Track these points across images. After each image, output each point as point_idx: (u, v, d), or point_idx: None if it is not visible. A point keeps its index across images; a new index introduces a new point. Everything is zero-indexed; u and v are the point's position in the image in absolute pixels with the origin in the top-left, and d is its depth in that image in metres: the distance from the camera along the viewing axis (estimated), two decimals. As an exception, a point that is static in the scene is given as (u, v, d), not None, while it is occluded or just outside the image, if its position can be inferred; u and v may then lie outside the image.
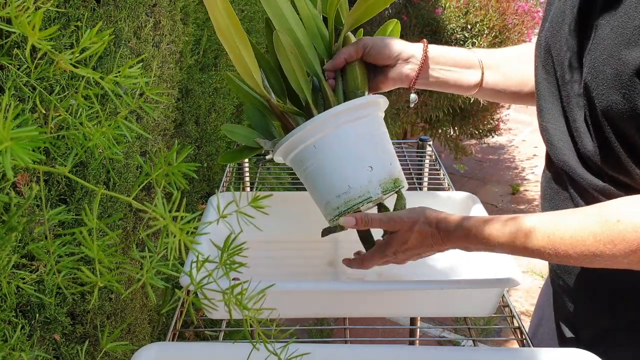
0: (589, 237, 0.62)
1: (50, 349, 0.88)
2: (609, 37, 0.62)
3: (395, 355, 0.68)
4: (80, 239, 0.35)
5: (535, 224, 0.66)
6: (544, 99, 0.76)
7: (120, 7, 0.98)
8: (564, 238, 0.64)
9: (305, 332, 2.04)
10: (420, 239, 0.75)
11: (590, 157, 0.68)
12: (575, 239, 0.63)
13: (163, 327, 1.43)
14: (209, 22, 1.64)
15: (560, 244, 0.64)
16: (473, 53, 0.91)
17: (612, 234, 0.60)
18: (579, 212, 0.66)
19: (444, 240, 0.74)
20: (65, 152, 0.81)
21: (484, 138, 3.15)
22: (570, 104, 0.70)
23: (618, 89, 0.61)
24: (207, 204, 1.00)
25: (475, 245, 0.72)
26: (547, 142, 0.76)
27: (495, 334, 2.02)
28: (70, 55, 0.37)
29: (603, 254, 0.61)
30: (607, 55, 0.62)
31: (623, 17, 0.60)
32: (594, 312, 0.79)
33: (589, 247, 0.62)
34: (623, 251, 0.60)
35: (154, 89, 0.42)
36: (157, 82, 1.21)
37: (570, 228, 0.64)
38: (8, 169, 0.27)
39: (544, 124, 0.76)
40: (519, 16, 2.73)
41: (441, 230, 0.74)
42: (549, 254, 0.66)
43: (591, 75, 0.64)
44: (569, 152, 0.72)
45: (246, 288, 0.41)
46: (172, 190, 0.37)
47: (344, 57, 0.84)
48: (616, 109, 0.62)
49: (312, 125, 0.78)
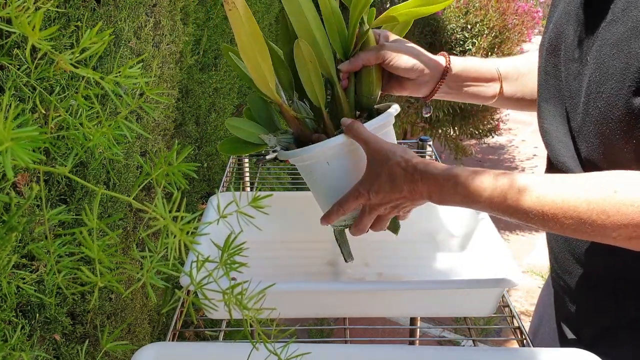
0: (582, 204, 0.60)
1: (51, 349, 0.88)
2: (618, 31, 0.62)
3: (395, 355, 0.68)
4: (80, 239, 0.35)
5: (528, 183, 0.63)
6: (545, 100, 0.76)
7: (121, 7, 0.98)
8: (555, 201, 0.61)
9: (305, 332, 2.04)
10: (392, 177, 0.71)
11: (590, 158, 0.68)
12: (567, 203, 0.61)
13: (163, 327, 1.43)
14: (209, 22, 1.64)
15: (550, 206, 0.61)
16: (493, 65, 0.90)
17: (607, 204, 0.59)
18: (575, 178, 0.63)
19: (422, 181, 0.69)
20: (66, 152, 0.81)
21: (484, 138, 3.16)
22: (573, 105, 0.70)
23: (625, 83, 0.61)
24: (207, 203, 1.00)
25: (455, 196, 0.67)
26: (547, 144, 0.76)
27: (495, 334, 2.02)
28: (71, 56, 0.37)
29: (594, 223, 0.59)
30: (617, 50, 0.61)
31: (623, 8, 0.61)
32: (595, 312, 0.79)
33: (581, 214, 0.60)
34: (614, 224, 0.59)
35: (154, 89, 0.42)
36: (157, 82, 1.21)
37: (565, 192, 0.61)
38: (8, 169, 0.27)
39: (545, 125, 0.76)
40: (518, 16, 2.73)
41: (419, 170, 0.70)
42: (535, 215, 0.63)
43: (598, 72, 0.64)
44: (568, 154, 0.72)
45: (246, 288, 0.41)
46: (172, 190, 0.37)
47: (362, 62, 0.81)
48: (623, 105, 0.62)
49: (328, 146, 0.77)
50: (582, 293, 0.79)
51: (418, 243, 0.94)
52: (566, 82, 0.71)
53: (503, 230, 2.98)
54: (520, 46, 2.81)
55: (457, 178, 0.67)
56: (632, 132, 0.62)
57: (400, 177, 0.71)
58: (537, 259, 2.72)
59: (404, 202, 0.74)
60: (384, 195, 0.73)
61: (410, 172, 0.70)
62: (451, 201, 0.68)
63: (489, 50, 2.70)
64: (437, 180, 0.69)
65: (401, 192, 0.71)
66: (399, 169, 0.71)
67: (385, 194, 0.73)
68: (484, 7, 2.70)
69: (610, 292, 0.76)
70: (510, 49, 2.73)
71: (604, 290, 0.76)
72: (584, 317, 0.81)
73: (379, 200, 0.74)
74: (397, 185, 0.71)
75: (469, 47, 2.70)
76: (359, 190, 0.75)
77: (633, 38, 0.60)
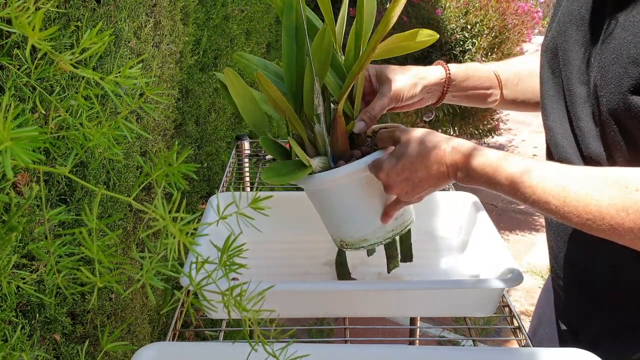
0: (603, 199, 0.59)
1: (51, 349, 0.88)
2: (620, 36, 0.62)
3: (395, 355, 0.68)
4: (80, 239, 0.35)
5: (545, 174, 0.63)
6: (549, 99, 0.76)
7: (121, 8, 0.98)
8: (579, 193, 0.61)
9: (305, 332, 2.04)
10: (422, 145, 0.70)
11: (593, 157, 0.68)
12: (589, 196, 0.60)
13: (163, 327, 1.43)
14: (209, 22, 1.64)
15: (572, 198, 0.61)
16: (492, 71, 0.90)
17: (628, 201, 0.58)
18: (596, 171, 0.62)
19: (453, 153, 0.69)
20: (65, 153, 0.81)
21: (484, 138, 3.16)
22: (575, 104, 0.70)
23: (627, 88, 0.61)
24: (207, 204, 1.00)
25: (482, 171, 0.67)
26: (551, 141, 0.76)
27: (495, 334, 2.02)
28: (71, 56, 0.37)
29: (613, 219, 0.59)
30: (617, 55, 0.62)
31: (636, 16, 0.61)
32: (593, 313, 0.79)
33: (601, 208, 0.59)
34: (633, 222, 0.58)
35: (154, 89, 0.42)
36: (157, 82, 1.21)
37: (587, 185, 0.60)
38: (8, 169, 0.27)
39: (549, 123, 0.77)
40: (518, 16, 2.73)
41: (452, 143, 0.70)
42: (555, 205, 0.62)
43: (600, 75, 0.64)
44: (572, 151, 0.72)
45: (245, 289, 0.41)
46: (172, 191, 0.37)
47: (380, 112, 0.80)
48: (624, 108, 0.62)
49: (336, 175, 0.76)
50: (580, 295, 0.79)
51: (418, 243, 0.94)
52: (567, 82, 0.72)
53: (503, 230, 2.98)
54: (520, 46, 2.81)
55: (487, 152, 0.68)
56: (632, 132, 0.63)
57: (433, 148, 0.70)
58: (537, 259, 2.72)
59: (425, 183, 0.72)
60: (412, 160, 0.71)
61: (445, 146, 0.70)
62: (474, 179, 0.68)
63: (489, 50, 2.70)
64: (469, 155, 0.68)
65: (432, 163, 0.70)
66: (436, 139, 0.71)
67: (413, 158, 0.71)
68: (484, 7, 2.70)
69: (609, 292, 0.76)
70: (510, 49, 2.73)
71: (603, 292, 0.77)
72: (583, 318, 0.81)
73: (405, 165, 0.72)
74: (429, 152, 0.70)
75: (469, 47, 2.70)
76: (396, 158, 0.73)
77: (633, 44, 0.60)
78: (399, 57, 2.75)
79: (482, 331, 1.97)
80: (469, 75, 0.88)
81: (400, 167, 0.72)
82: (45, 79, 0.77)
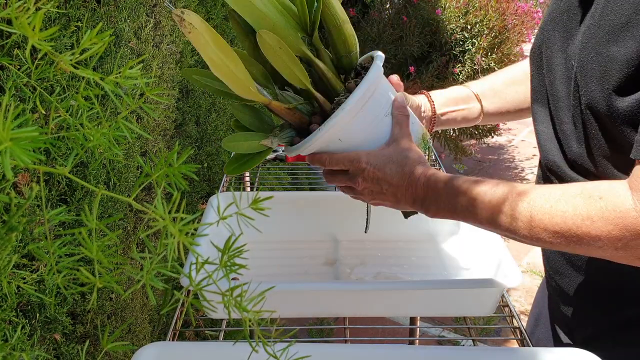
0: (568, 209, 0.60)
1: (51, 349, 0.88)
2: (597, 35, 0.63)
3: (395, 355, 0.68)
4: (80, 239, 0.35)
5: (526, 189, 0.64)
6: (537, 102, 0.78)
7: (121, 8, 0.98)
8: (544, 206, 0.61)
9: (305, 332, 2.04)
10: (401, 167, 0.72)
11: (576, 159, 0.69)
12: (554, 209, 0.60)
13: (163, 327, 1.43)
14: (209, 22, 1.64)
15: (537, 211, 0.61)
16: (469, 90, 0.93)
17: (592, 209, 0.58)
18: (560, 187, 0.64)
19: (411, 172, 0.70)
20: (66, 153, 0.81)
21: (484, 138, 3.15)
22: (558, 108, 0.72)
23: (605, 86, 0.61)
24: (207, 204, 1.00)
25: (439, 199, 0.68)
26: (538, 144, 0.78)
27: (495, 333, 2.02)
28: (71, 56, 0.37)
29: (579, 229, 0.59)
30: (595, 53, 0.63)
31: (601, 13, 0.62)
32: (587, 313, 0.79)
33: (566, 219, 0.60)
34: (598, 229, 0.58)
35: (154, 90, 0.42)
36: (158, 82, 1.21)
37: (552, 198, 0.61)
38: (8, 170, 0.27)
39: (537, 126, 0.78)
40: (518, 16, 2.73)
41: (414, 161, 0.71)
42: (522, 222, 0.62)
43: (580, 74, 0.65)
44: (557, 153, 0.73)
45: (246, 290, 0.41)
46: (172, 191, 0.37)
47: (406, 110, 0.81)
48: (602, 106, 0.62)
49: (331, 125, 0.74)
50: (574, 295, 0.80)
51: (418, 243, 0.94)
52: (551, 86, 0.73)
53: (503, 230, 2.98)
54: (520, 46, 2.81)
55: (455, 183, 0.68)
56: (612, 132, 0.63)
57: (397, 165, 0.71)
58: (536, 258, 2.72)
59: (387, 198, 0.74)
60: (379, 179, 0.72)
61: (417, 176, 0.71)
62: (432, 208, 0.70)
63: (489, 50, 2.70)
64: (428, 181, 0.70)
65: (396, 186, 0.71)
66: (413, 166, 0.71)
67: (382, 178, 0.72)
68: (484, 7, 2.70)
69: (602, 294, 0.76)
70: (510, 49, 2.73)
71: (595, 292, 0.77)
72: (577, 319, 0.81)
73: (372, 179, 0.73)
74: (398, 177, 0.71)
75: (469, 47, 2.70)
76: (361, 159, 0.74)
77: (611, 42, 0.61)
78: (399, 56, 2.75)
79: (481, 331, 1.97)
80: (446, 95, 0.92)
81: (374, 175, 0.73)
82: (45, 79, 0.77)
